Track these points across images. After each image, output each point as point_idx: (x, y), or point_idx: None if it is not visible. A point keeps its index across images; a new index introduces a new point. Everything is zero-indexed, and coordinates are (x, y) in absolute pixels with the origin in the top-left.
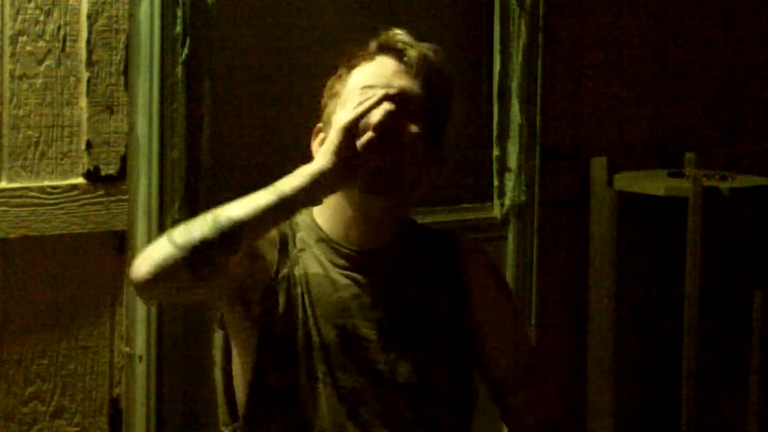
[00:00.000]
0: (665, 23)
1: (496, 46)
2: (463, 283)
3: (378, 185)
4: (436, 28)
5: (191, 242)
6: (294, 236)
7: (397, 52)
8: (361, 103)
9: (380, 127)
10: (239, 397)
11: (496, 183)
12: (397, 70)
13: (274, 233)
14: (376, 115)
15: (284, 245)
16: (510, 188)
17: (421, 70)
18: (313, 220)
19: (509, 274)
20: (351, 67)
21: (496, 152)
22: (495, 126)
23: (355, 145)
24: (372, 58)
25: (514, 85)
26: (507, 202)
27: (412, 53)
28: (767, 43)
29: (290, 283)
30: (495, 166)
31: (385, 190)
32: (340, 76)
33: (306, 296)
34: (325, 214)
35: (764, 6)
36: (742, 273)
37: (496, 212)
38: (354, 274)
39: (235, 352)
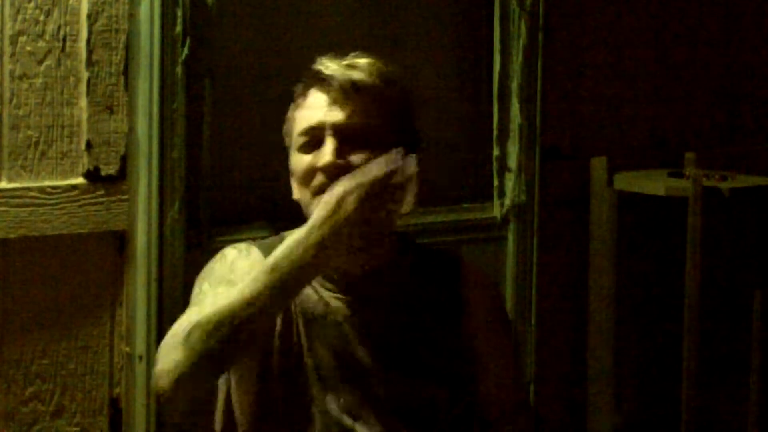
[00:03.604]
0: (665, 23)
1: (496, 46)
2: (463, 308)
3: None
4: (436, 28)
5: (200, 356)
6: None
7: (324, 84)
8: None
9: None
10: (237, 416)
11: (496, 183)
12: (328, 102)
13: None
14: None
15: None
16: (510, 188)
17: (354, 93)
18: None
19: (509, 274)
20: (295, 107)
21: (496, 152)
22: (495, 126)
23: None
24: (306, 95)
25: (514, 85)
26: (507, 202)
27: (336, 83)
28: (767, 43)
29: (286, 310)
30: (495, 166)
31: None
32: (292, 112)
33: (299, 320)
34: None
35: (764, 6)
36: (742, 273)
37: (496, 212)
38: (346, 297)
39: (234, 378)
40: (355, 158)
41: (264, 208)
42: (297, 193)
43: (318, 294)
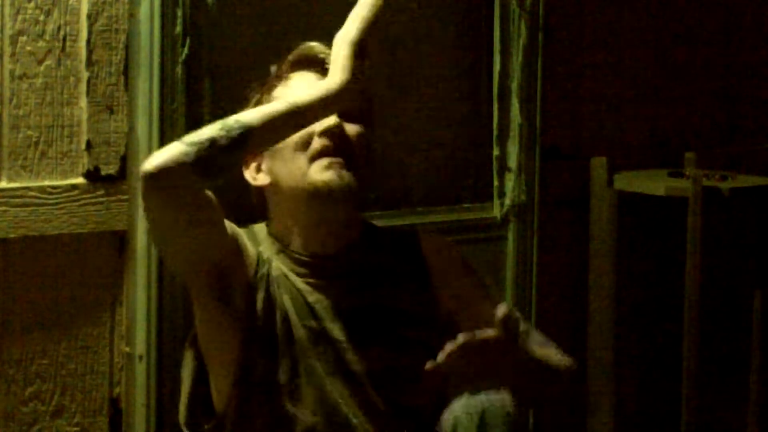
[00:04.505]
0: (665, 23)
1: (496, 46)
2: (428, 274)
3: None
4: (436, 28)
5: (199, 140)
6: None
7: (312, 65)
8: (363, 18)
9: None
10: (216, 397)
11: (496, 183)
12: (318, 79)
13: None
14: None
15: (260, 253)
16: (510, 188)
17: None
18: (270, 234)
19: (509, 274)
20: (270, 90)
21: (496, 152)
22: (495, 126)
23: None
24: (287, 77)
25: (514, 85)
26: (507, 202)
27: (329, 61)
28: (767, 43)
29: (269, 282)
30: (495, 166)
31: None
32: (259, 100)
33: (284, 296)
34: (280, 227)
35: (764, 6)
36: (742, 273)
37: (496, 212)
38: (314, 280)
39: (213, 359)
40: (350, 128)
41: (264, 208)
42: (266, 178)
43: (289, 279)
